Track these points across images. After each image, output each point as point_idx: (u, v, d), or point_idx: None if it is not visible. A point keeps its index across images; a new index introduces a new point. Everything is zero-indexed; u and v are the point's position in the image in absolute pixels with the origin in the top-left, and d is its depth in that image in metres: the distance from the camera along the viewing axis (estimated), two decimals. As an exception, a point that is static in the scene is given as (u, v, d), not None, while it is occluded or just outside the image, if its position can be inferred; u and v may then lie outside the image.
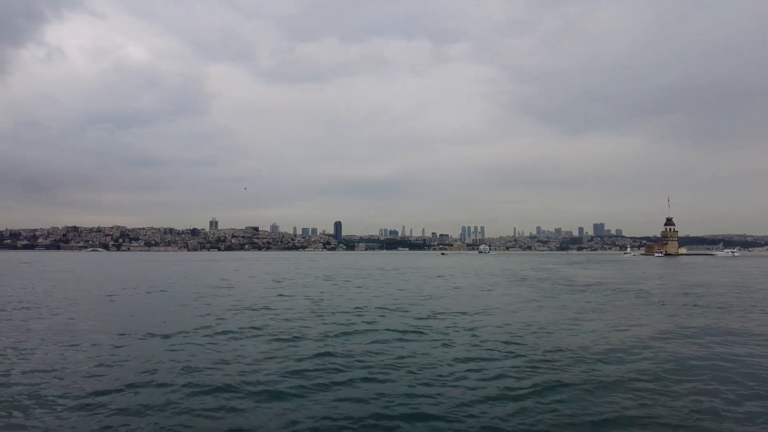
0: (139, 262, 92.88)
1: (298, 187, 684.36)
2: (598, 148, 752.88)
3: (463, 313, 20.12)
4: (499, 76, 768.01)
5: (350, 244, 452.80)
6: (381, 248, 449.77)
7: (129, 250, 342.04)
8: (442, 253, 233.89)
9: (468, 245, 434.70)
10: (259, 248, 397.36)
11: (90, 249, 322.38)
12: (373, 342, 14.18)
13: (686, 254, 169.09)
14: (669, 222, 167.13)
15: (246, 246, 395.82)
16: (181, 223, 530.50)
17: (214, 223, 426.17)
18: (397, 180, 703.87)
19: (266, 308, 21.89)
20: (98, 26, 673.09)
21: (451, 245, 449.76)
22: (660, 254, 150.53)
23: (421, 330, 16.05)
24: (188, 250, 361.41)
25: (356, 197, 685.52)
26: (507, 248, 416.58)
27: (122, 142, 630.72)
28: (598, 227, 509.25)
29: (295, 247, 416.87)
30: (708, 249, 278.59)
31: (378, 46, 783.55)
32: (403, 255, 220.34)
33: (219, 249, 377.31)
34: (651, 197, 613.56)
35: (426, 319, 18.71)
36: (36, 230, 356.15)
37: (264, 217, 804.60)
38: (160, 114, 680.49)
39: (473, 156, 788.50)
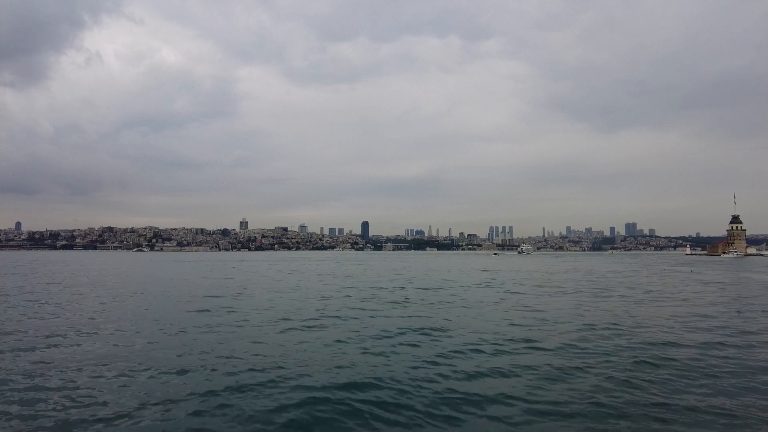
0: (228, 263, 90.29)
1: (327, 188, 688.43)
2: (632, 144, 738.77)
3: None
4: (532, 72, 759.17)
5: (377, 244, 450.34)
6: (409, 248, 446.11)
7: (162, 250, 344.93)
8: (495, 254, 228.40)
9: (497, 245, 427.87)
10: (289, 248, 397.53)
11: (135, 249, 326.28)
12: None
13: (755, 254, 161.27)
14: (735, 219, 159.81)
15: (276, 246, 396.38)
16: (212, 224, 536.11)
17: (244, 224, 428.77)
18: (424, 180, 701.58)
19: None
20: (135, 31, 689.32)
21: (480, 245, 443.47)
22: (734, 254, 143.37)
23: None
24: (219, 250, 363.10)
25: (383, 197, 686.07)
26: (538, 248, 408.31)
27: (156, 144, 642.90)
28: (630, 227, 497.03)
29: (323, 247, 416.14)
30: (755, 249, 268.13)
31: (409, 45, 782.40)
32: (440, 256, 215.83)
33: (249, 249, 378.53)
34: (684, 196, 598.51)
35: None
36: (74, 231, 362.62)
37: (292, 218, 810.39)
38: (193, 117, 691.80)
39: (502, 154, 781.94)
